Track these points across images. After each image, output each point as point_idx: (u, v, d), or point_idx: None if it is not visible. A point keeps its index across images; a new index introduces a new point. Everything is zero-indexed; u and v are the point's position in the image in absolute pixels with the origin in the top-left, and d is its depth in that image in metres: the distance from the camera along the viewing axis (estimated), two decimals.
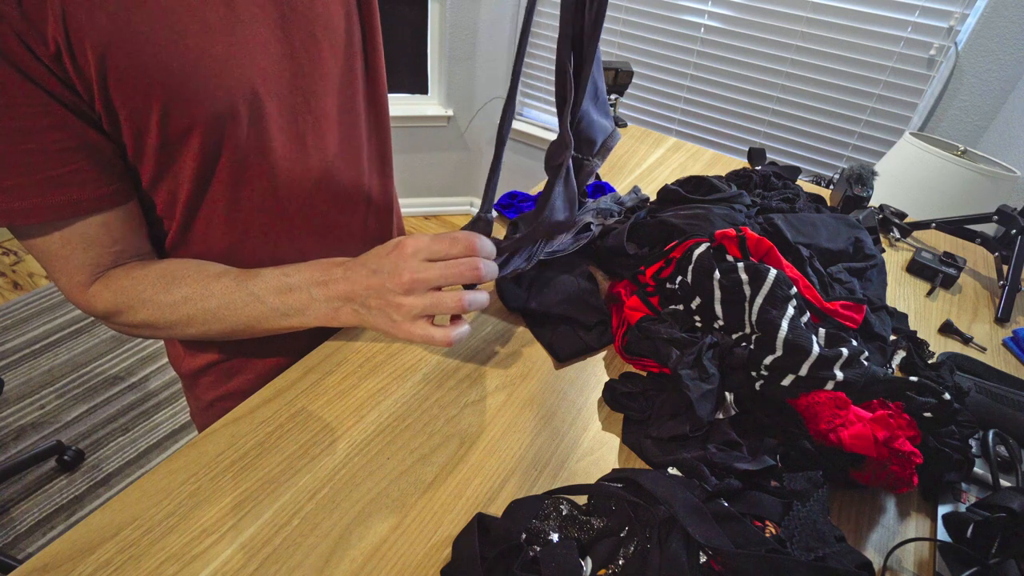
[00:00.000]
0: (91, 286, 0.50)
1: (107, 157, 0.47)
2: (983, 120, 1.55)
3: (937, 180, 1.24)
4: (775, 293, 0.52)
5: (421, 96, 2.47)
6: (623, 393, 0.55)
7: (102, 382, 1.74)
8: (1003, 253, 0.85)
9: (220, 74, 0.47)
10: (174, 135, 0.47)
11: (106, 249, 0.49)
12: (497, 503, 0.46)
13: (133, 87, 0.43)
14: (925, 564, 0.47)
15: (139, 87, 0.44)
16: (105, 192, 0.47)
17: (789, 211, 0.77)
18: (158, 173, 0.50)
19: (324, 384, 0.54)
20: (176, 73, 0.44)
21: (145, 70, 0.43)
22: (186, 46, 0.44)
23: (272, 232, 0.58)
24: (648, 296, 0.63)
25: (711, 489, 0.42)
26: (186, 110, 0.46)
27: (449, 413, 0.53)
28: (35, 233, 0.46)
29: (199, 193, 0.52)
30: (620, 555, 0.39)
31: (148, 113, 0.45)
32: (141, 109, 0.45)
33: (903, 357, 0.64)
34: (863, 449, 0.46)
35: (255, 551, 0.41)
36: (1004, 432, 0.55)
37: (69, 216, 0.46)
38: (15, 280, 2.11)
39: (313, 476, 0.46)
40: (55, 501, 1.43)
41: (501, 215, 0.83)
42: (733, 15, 1.76)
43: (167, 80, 0.44)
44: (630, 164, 1.06)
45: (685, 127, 2.03)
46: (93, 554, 0.40)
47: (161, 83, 0.44)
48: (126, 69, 0.42)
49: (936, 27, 1.50)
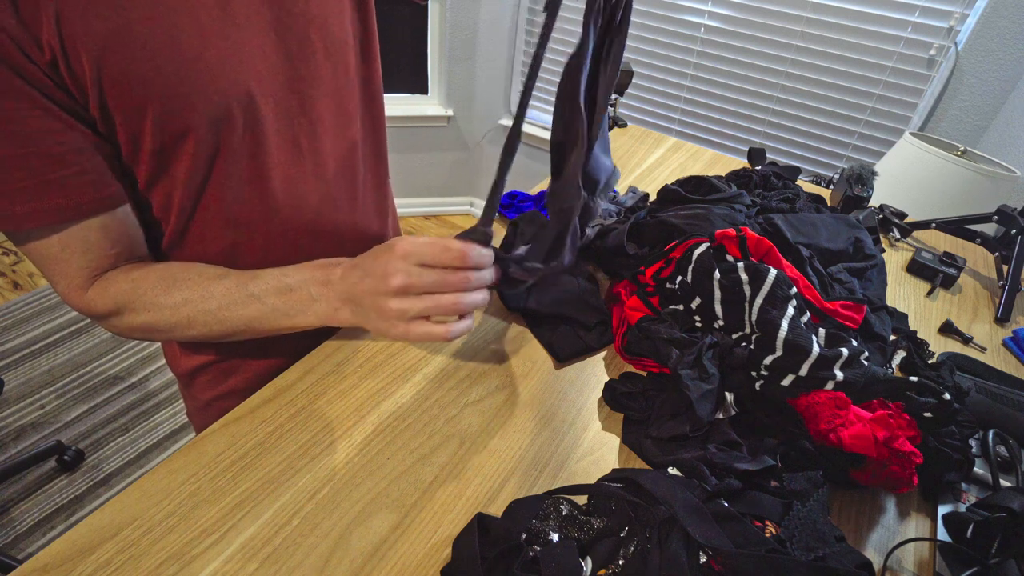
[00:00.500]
0: (89, 289, 0.50)
1: (105, 159, 0.47)
2: (983, 120, 1.55)
3: (937, 180, 1.24)
4: (775, 293, 0.52)
5: (421, 96, 2.47)
6: (623, 393, 0.55)
7: (102, 382, 1.74)
8: (1003, 253, 0.85)
9: (215, 78, 0.47)
10: (169, 139, 0.47)
11: (105, 252, 0.49)
12: (497, 503, 0.46)
13: (128, 91, 0.43)
14: (925, 564, 0.47)
15: (134, 91, 0.44)
16: (105, 194, 0.47)
17: (789, 211, 0.77)
18: (153, 176, 0.50)
19: (324, 384, 0.54)
20: (171, 77, 0.44)
21: (140, 74, 0.43)
22: (181, 50, 0.44)
23: (268, 235, 0.58)
24: (648, 296, 0.63)
25: (711, 489, 0.42)
26: (181, 114, 0.46)
27: (449, 413, 0.53)
28: (34, 237, 0.46)
29: (194, 196, 0.52)
30: (620, 555, 0.39)
31: (143, 117, 0.45)
32: (136, 113, 0.45)
33: (903, 357, 0.64)
34: (863, 449, 0.46)
35: (255, 551, 0.41)
36: (1004, 432, 0.55)
37: (71, 219, 0.46)
38: (15, 280, 2.11)
39: (313, 476, 0.46)
40: (55, 501, 1.43)
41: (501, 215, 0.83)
42: (733, 15, 1.76)
43: (162, 84, 0.44)
44: (630, 164, 1.06)
45: (685, 127, 2.03)
46: (93, 554, 0.40)
47: (156, 87, 0.44)
48: (121, 73, 0.42)
49: (936, 27, 1.50)
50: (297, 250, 0.61)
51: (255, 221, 0.57)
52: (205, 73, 0.46)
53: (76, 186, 0.45)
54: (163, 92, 0.45)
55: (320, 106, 0.57)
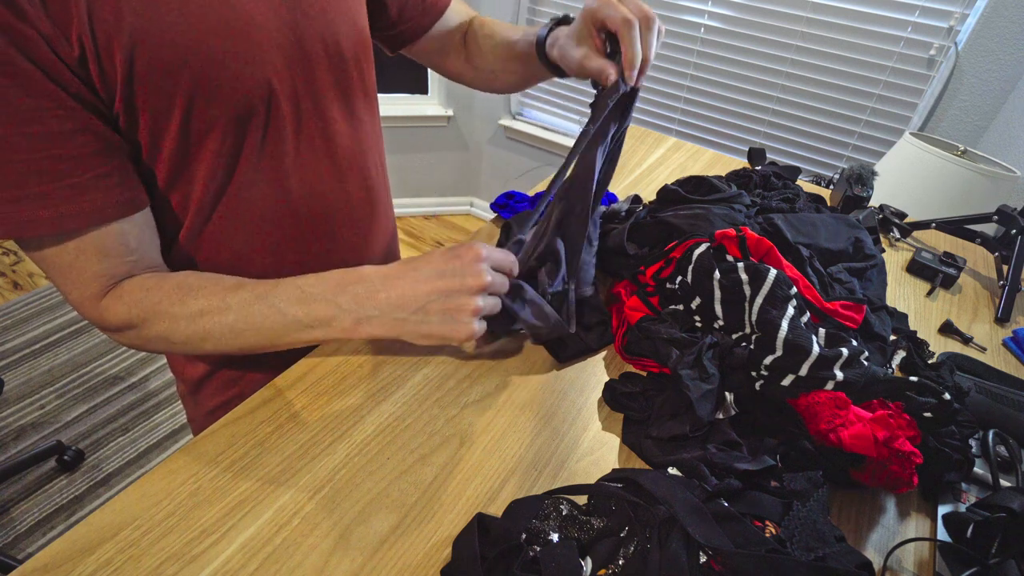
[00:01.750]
0: (103, 299, 0.48)
1: (126, 160, 0.46)
2: (983, 120, 1.55)
3: (937, 180, 1.24)
4: (775, 293, 0.52)
5: (421, 96, 2.47)
6: (623, 393, 0.55)
7: (102, 382, 1.74)
8: (1003, 253, 0.85)
9: (239, 75, 0.47)
10: (194, 136, 0.47)
11: (121, 259, 0.48)
12: (497, 503, 0.46)
13: (158, 87, 0.43)
14: (925, 564, 0.47)
15: (164, 87, 0.43)
16: (127, 197, 0.46)
17: (789, 211, 0.77)
18: (174, 175, 0.49)
19: (324, 384, 0.54)
20: (198, 72, 0.44)
21: (170, 70, 0.43)
22: (210, 46, 0.44)
23: (284, 236, 0.58)
24: (648, 296, 0.63)
25: (711, 489, 0.42)
26: (206, 110, 0.46)
27: (449, 413, 0.53)
28: (50, 243, 0.45)
29: (214, 196, 0.52)
30: (620, 555, 0.39)
31: (170, 114, 0.45)
32: (163, 109, 0.45)
33: (903, 357, 0.64)
34: (863, 449, 0.46)
35: (255, 551, 0.41)
36: (1004, 432, 0.55)
37: (94, 224, 0.45)
38: (15, 280, 2.11)
39: (313, 476, 0.46)
40: (55, 501, 1.43)
41: (498, 215, 0.83)
42: (733, 15, 1.76)
43: (189, 79, 0.44)
44: (630, 164, 1.06)
45: (685, 127, 2.03)
46: (93, 554, 0.40)
47: (184, 82, 0.44)
48: (151, 69, 0.42)
49: (936, 27, 1.50)
50: (310, 252, 0.61)
51: (272, 221, 0.57)
52: (232, 70, 0.46)
53: (100, 188, 0.44)
54: (190, 88, 0.45)
55: (332, 108, 0.57)
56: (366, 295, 0.48)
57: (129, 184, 0.47)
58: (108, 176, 0.44)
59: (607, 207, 0.77)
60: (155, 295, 0.48)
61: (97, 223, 0.45)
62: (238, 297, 0.49)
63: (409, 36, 0.71)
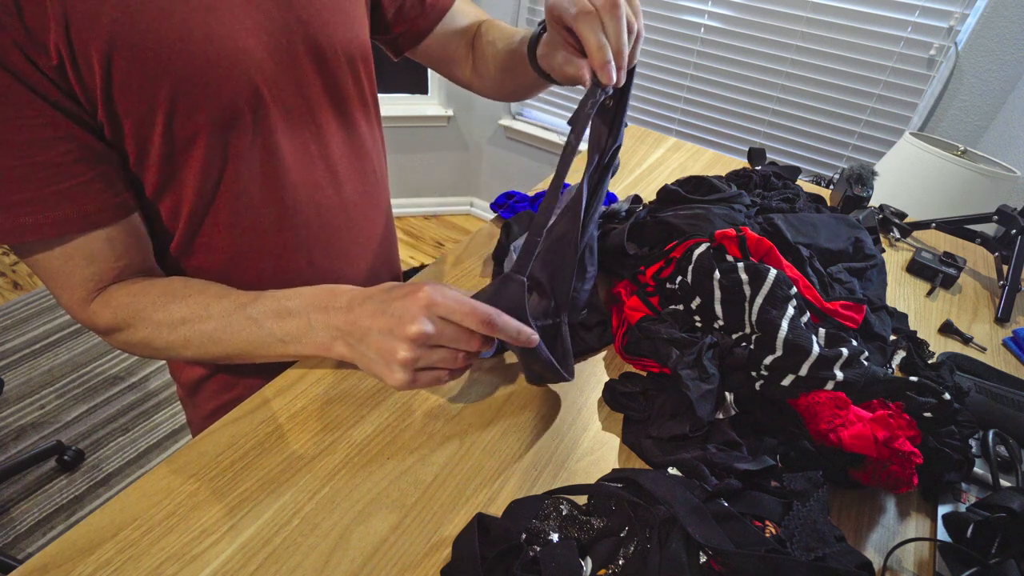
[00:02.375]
0: (92, 302, 0.49)
1: (112, 167, 0.46)
2: (983, 120, 1.54)
3: (937, 180, 1.24)
4: (775, 293, 0.52)
5: (421, 96, 2.47)
6: (623, 393, 0.55)
7: (102, 382, 1.74)
8: (1003, 253, 0.85)
9: (224, 81, 0.46)
10: (179, 143, 0.47)
11: (109, 264, 0.48)
12: (497, 503, 0.46)
13: (139, 94, 0.43)
14: (925, 564, 0.47)
15: (144, 93, 0.43)
16: (112, 203, 0.46)
17: (789, 211, 0.77)
18: (163, 183, 0.49)
19: (324, 384, 0.54)
20: (180, 76, 0.44)
21: (150, 76, 0.43)
22: (191, 50, 0.44)
23: (277, 244, 0.58)
24: (648, 296, 0.63)
25: (711, 489, 0.42)
26: (190, 116, 0.46)
27: (449, 413, 0.53)
28: (38, 249, 0.45)
29: (205, 203, 0.52)
30: (620, 555, 0.39)
31: (152, 120, 0.45)
32: (145, 116, 0.44)
33: (903, 357, 0.64)
34: (863, 449, 0.46)
35: (255, 551, 0.41)
36: (1004, 432, 0.55)
37: (80, 230, 0.45)
38: (15, 280, 2.11)
39: (313, 476, 0.46)
40: (55, 501, 1.43)
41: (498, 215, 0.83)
42: (733, 15, 1.76)
43: (171, 84, 0.44)
44: (630, 164, 1.06)
45: (685, 127, 2.03)
46: (93, 554, 0.40)
47: (165, 87, 0.44)
48: (130, 75, 0.42)
49: (936, 27, 1.50)
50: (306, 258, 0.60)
51: (267, 228, 0.56)
52: (213, 75, 0.46)
53: (84, 195, 0.44)
54: (172, 94, 0.44)
55: (327, 113, 0.57)
56: (333, 315, 0.46)
57: (116, 190, 0.46)
58: (93, 182, 0.44)
59: (607, 207, 0.77)
60: (141, 300, 0.49)
61: (83, 229, 0.45)
62: (220, 306, 0.48)
63: (410, 39, 0.70)
